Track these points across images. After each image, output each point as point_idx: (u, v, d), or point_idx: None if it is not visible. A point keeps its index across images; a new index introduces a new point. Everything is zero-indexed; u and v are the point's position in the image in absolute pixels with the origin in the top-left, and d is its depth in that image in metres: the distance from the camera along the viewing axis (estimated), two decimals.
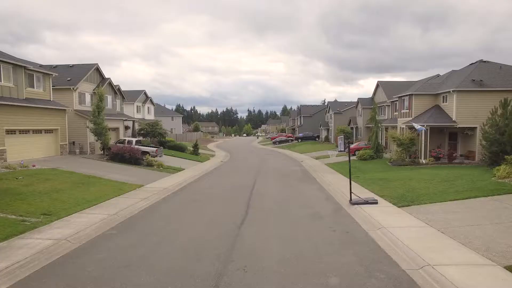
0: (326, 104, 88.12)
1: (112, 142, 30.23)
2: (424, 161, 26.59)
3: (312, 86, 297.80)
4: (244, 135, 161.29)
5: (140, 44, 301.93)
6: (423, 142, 26.92)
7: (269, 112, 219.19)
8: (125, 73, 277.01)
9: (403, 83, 49.21)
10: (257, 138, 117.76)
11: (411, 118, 30.17)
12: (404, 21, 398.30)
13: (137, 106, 50.26)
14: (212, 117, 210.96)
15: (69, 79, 29.98)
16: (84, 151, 29.45)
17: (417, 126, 25.89)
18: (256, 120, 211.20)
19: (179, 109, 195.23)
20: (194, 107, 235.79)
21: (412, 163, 26.24)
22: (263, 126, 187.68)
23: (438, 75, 43.15)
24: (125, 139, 30.32)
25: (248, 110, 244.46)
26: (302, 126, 76.91)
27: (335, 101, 74.41)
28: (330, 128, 62.82)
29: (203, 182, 21.65)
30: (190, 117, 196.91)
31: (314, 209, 13.77)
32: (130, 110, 47.50)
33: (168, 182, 20.46)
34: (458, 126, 26.67)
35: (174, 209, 13.85)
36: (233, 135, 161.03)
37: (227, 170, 28.64)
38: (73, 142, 29.44)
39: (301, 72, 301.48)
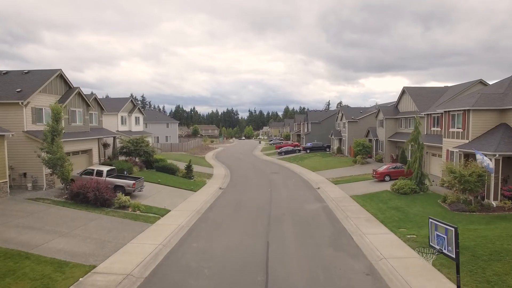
0: (335, 109, 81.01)
1: (76, 172, 23.17)
2: (494, 204, 19.52)
3: (312, 86, 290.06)
4: (243, 138, 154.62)
5: (139, 44, 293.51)
6: (492, 176, 19.82)
7: (270, 112, 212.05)
8: (124, 73, 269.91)
9: (433, 89, 42.38)
10: (260, 143, 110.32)
11: (467, 141, 23.06)
12: (405, 20, 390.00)
13: (122, 116, 42.98)
14: (212, 118, 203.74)
15: (18, 90, 22.80)
16: (39, 186, 22.38)
17: (484, 161, 18.94)
18: (258, 120, 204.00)
19: (179, 110, 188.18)
20: (194, 107, 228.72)
21: (480, 207, 19.17)
22: (265, 128, 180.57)
23: (481, 80, 35.94)
24: (93, 169, 23.16)
25: (249, 110, 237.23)
26: (310, 133, 69.69)
27: (348, 106, 67.37)
28: (343, 138, 55.64)
29: (191, 250, 14.58)
30: (189, 119, 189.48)
31: None
32: (113, 122, 40.43)
33: (137, 252, 13.46)
34: None
35: None
36: (233, 138, 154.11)
37: (227, 212, 21.54)
38: (24, 174, 22.40)
39: (301, 71, 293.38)
